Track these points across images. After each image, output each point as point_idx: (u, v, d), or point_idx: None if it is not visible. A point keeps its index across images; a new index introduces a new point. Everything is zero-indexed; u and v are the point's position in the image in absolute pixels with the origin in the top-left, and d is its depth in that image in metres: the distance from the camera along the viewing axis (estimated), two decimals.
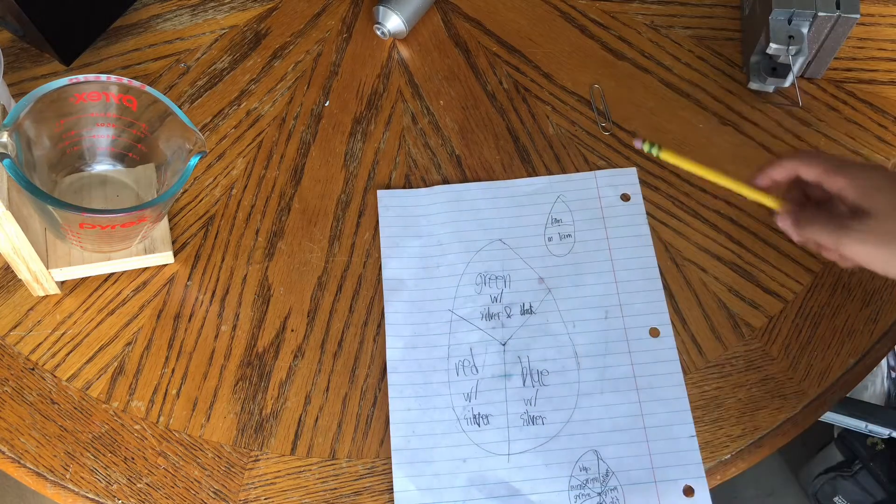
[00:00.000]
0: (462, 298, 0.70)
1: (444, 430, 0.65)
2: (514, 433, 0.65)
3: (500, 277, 0.70)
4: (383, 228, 0.72)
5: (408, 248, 0.72)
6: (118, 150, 0.68)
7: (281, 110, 0.78)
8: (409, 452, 0.64)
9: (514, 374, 0.67)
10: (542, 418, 0.65)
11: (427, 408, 0.66)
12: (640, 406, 0.65)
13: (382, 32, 0.81)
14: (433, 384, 0.66)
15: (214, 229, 0.73)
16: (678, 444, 0.65)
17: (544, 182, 0.75)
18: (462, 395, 0.66)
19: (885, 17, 0.83)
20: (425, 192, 0.74)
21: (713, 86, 0.80)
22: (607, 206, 0.73)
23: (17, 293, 0.70)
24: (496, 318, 0.69)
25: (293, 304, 0.70)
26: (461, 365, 0.67)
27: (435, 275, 0.70)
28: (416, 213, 0.73)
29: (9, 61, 0.79)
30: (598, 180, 0.74)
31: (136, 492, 0.63)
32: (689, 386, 0.67)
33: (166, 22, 0.82)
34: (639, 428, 0.65)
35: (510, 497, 0.63)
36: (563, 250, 0.71)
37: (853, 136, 0.77)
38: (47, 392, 0.67)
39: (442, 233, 0.72)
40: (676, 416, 0.66)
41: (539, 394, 0.66)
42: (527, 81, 0.80)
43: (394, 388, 0.66)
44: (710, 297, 0.70)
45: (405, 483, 0.63)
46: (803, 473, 1.32)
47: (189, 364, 0.68)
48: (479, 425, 0.65)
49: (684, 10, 0.84)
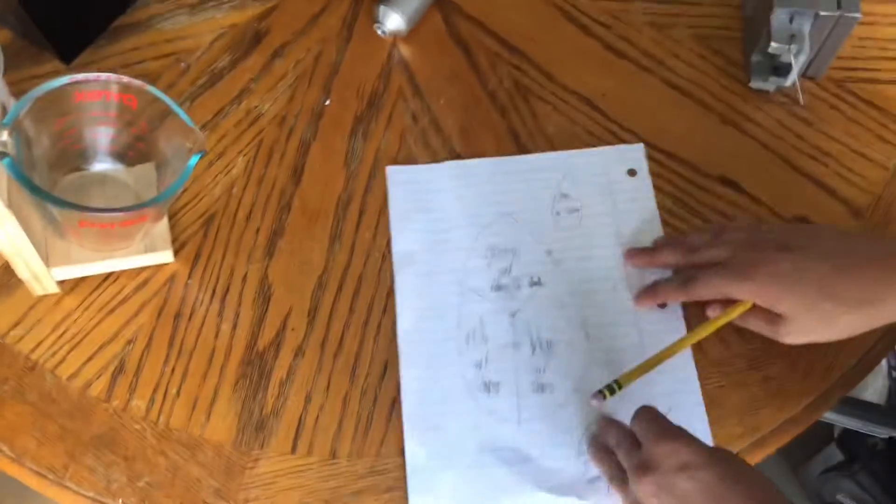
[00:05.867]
0: (471, 271, 0.70)
1: (455, 397, 0.66)
2: (523, 401, 0.66)
3: (508, 251, 0.71)
4: (392, 203, 0.73)
5: (417, 222, 0.72)
6: (118, 149, 0.68)
7: (281, 109, 0.78)
8: (421, 419, 0.65)
9: (524, 344, 0.68)
10: (552, 386, 0.66)
11: (438, 376, 0.67)
12: (648, 375, 0.66)
13: (383, 31, 0.81)
14: (443, 353, 0.67)
15: (215, 228, 0.73)
16: (686, 412, 0.65)
17: (552, 158, 0.75)
18: (472, 364, 0.67)
19: (887, 17, 0.83)
20: (434, 167, 0.75)
21: (714, 85, 0.80)
22: (614, 181, 0.74)
23: (17, 292, 0.70)
24: (505, 290, 0.69)
25: (294, 303, 0.70)
26: (471, 335, 0.68)
27: (444, 248, 0.71)
28: (425, 188, 0.74)
29: (9, 60, 0.79)
30: (605, 156, 0.75)
31: (137, 491, 0.63)
32: None
33: (166, 21, 0.82)
34: (646, 397, 0.65)
35: (520, 462, 0.64)
36: (570, 224, 0.72)
37: (854, 136, 0.77)
38: (47, 391, 0.66)
39: (451, 207, 0.73)
40: (684, 385, 0.66)
41: (548, 363, 0.67)
42: (528, 81, 0.80)
43: (405, 357, 0.67)
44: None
45: (417, 449, 0.64)
46: (803, 473, 1.32)
47: (189, 363, 0.68)
48: (489, 393, 0.66)
49: (686, 9, 0.84)
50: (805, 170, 0.76)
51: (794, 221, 0.74)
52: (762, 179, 0.75)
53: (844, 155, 0.77)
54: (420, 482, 0.63)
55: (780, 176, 0.76)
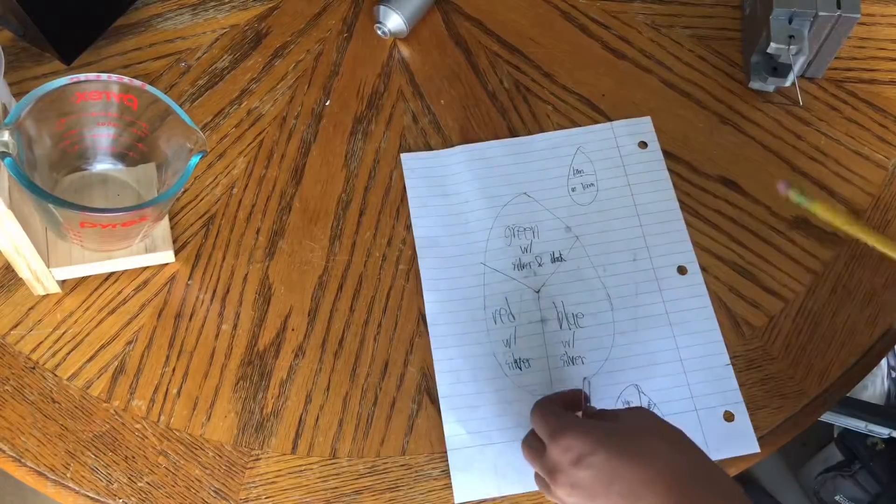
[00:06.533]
0: (493, 251, 0.71)
1: (488, 375, 0.67)
2: (555, 374, 0.67)
3: (528, 229, 0.72)
4: (410, 190, 0.74)
5: (435, 206, 0.73)
6: (119, 150, 0.68)
7: (282, 110, 0.78)
8: (456, 399, 0.66)
9: (551, 319, 0.69)
10: (582, 358, 0.67)
11: (469, 356, 0.68)
12: (675, 340, 0.68)
13: (383, 32, 0.81)
14: (472, 333, 0.68)
15: (215, 228, 0.73)
16: (715, 373, 0.67)
17: (563, 136, 0.77)
18: (502, 342, 0.68)
19: (886, 17, 0.83)
20: (448, 152, 0.76)
21: (713, 85, 0.80)
22: (626, 154, 0.76)
23: (18, 292, 0.70)
24: (528, 268, 0.71)
25: (294, 304, 0.70)
26: (498, 314, 0.69)
27: (465, 230, 0.73)
28: (441, 172, 0.75)
29: (10, 60, 0.79)
30: (615, 130, 0.77)
31: (137, 490, 0.63)
32: None
33: (167, 21, 0.82)
34: (675, 361, 0.67)
35: None
36: (587, 199, 0.73)
37: (853, 136, 0.77)
38: (48, 391, 0.67)
39: (467, 190, 0.74)
40: (710, 347, 0.68)
41: (576, 336, 0.68)
42: (527, 81, 0.80)
43: (435, 340, 0.68)
44: (711, 296, 0.70)
45: (455, 427, 0.65)
46: (803, 473, 1.33)
47: (190, 363, 0.68)
48: (521, 369, 0.67)
49: (685, 9, 0.84)
50: (804, 170, 0.76)
51: (794, 221, 0.74)
52: (761, 179, 0.75)
53: (843, 155, 0.77)
54: (460, 460, 0.64)
55: (780, 176, 0.76)
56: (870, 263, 0.72)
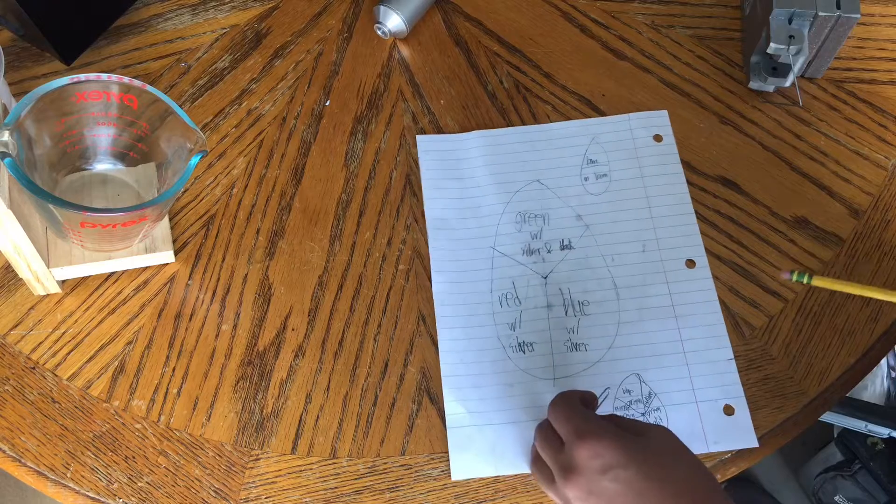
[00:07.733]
0: (503, 236, 0.72)
1: (491, 357, 0.67)
2: (558, 359, 0.67)
3: (539, 216, 0.73)
4: (424, 171, 0.75)
5: (448, 189, 0.74)
6: (119, 150, 0.68)
7: (282, 110, 0.78)
8: (458, 378, 0.67)
9: (556, 305, 0.69)
10: (585, 345, 0.68)
11: (473, 337, 0.68)
12: (679, 332, 0.68)
13: (383, 32, 0.81)
14: (478, 315, 0.69)
15: (215, 228, 0.73)
16: (717, 367, 0.67)
17: (579, 125, 0.77)
18: (506, 325, 0.68)
19: (886, 17, 0.83)
20: (463, 136, 0.76)
21: (713, 85, 0.80)
22: (641, 146, 0.76)
23: (18, 292, 0.70)
24: (537, 254, 0.71)
25: (294, 304, 0.70)
26: (504, 297, 0.70)
27: (476, 214, 0.73)
28: (456, 156, 0.76)
29: (9, 60, 0.79)
30: (631, 122, 0.77)
31: (137, 490, 0.64)
32: None
33: (167, 21, 0.82)
34: (678, 353, 0.67)
35: None
36: (599, 189, 0.74)
37: (853, 136, 0.77)
38: (48, 391, 0.67)
39: (481, 175, 0.75)
40: (714, 341, 0.68)
41: (581, 323, 0.69)
42: (527, 81, 0.80)
43: (441, 320, 0.69)
44: None
45: (456, 406, 0.66)
46: (803, 473, 1.33)
47: (190, 363, 0.68)
48: (525, 352, 0.68)
49: (685, 9, 0.84)
50: (804, 170, 0.76)
51: (794, 221, 0.74)
52: (761, 180, 0.75)
53: (843, 155, 0.77)
54: (459, 439, 0.65)
55: (779, 176, 0.76)
56: (870, 264, 0.72)
